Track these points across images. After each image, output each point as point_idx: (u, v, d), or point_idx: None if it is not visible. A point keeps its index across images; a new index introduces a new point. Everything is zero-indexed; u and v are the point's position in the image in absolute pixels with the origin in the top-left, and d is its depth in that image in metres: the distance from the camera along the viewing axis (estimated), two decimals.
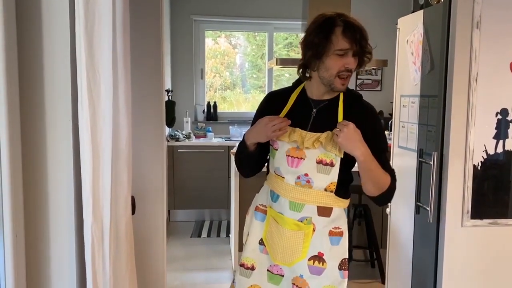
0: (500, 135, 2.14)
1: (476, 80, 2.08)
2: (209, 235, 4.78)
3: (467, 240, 2.17)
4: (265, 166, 1.88)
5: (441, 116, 2.19)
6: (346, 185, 1.74)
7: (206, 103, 5.68)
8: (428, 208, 2.23)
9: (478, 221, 2.16)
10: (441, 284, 2.19)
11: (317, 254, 1.69)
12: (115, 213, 1.51)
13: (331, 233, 1.70)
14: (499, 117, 2.13)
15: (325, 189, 1.68)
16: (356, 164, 1.67)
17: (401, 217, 2.69)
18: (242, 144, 1.80)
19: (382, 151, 1.70)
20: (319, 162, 1.65)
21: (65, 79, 1.41)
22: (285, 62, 3.63)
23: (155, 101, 2.34)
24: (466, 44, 2.07)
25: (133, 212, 1.67)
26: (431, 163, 2.20)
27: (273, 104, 1.80)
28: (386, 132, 4.33)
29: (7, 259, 1.32)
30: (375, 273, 3.74)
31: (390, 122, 3.81)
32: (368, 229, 3.67)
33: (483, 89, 2.09)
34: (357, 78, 5.58)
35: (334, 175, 1.66)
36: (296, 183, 1.69)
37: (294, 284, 1.72)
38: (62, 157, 1.43)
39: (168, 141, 4.97)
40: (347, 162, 1.66)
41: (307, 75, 1.75)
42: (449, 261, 2.17)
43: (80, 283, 1.50)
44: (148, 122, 2.32)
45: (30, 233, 1.42)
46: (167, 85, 5.16)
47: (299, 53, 1.75)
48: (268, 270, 1.77)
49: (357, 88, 5.53)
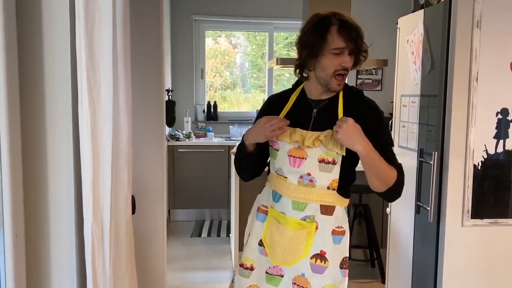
0: (501, 134, 2.14)
1: (477, 80, 2.08)
2: (209, 234, 4.79)
3: (467, 240, 2.17)
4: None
5: (441, 116, 2.19)
6: (348, 184, 1.74)
7: (206, 102, 5.68)
8: (429, 208, 2.23)
9: (478, 221, 2.16)
10: (441, 284, 2.19)
11: (319, 252, 1.69)
12: (115, 212, 1.51)
13: (334, 232, 1.69)
14: (500, 116, 2.13)
15: (328, 187, 1.68)
16: (360, 162, 1.67)
17: (401, 216, 2.69)
18: (241, 144, 1.80)
19: (386, 145, 1.69)
20: (321, 161, 1.65)
21: (65, 79, 1.41)
22: (285, 62, 3.63)
23: (155, 101, 2.34)
24: (467, 43, 2.07)
25: (133, 212, 1.67)
26: (431, 162, 2.20)
27: (274, 106, 1.80)
28: None
29: (7, 259, 1.32)
30: (375, 273, 3.74)
31: (390, 122, 3.81)
32: (368, 229, 3.67)
33: (483, 88, 2.09)
34: (357, 78, 5.58)
35: (336, 172, 1.66)
36: (299, 182, 1.69)
37: (295, 284, 1.71)
38: (62, 157, 1.43)
39: (168, 140, 4.97)
40: (349, 160, 1.66)
41: (305, 75, 1.75)
42: (449, 261, 2.17)
43: (80, 282, 1.50)
44: (148, 121, 2.32)
45: (30, 232, 1.42)
46: (167, 84, 5.16)
47: None
48: (266, 272, 1.77)
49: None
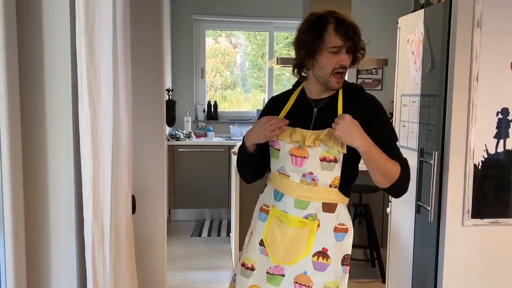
0: (501, 134, 2.13)
1: (477, 80, 2.08)
2: (209, 234, 4.79)
3: (467, 239, 2.17)
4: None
5: (441, 116, 2.19)
6: (350, 182, 1.73)
7: (206, 102, 5.68)
8: (429, 208, 2.23)
9: (478, 221, 2.15)
10: (441, 283, 2.19)
11: (321, 250, 1.68)
12: (116, 212, 1.51)
13: (336, 230, 1.69)
14: (500, 116, 2.12)
15: (330, 185, 1.68)
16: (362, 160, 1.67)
17: (401, 216, 2.69)
18: (242, 146, 1.80)
19: (390, 141, 1.68)
20: (323, 160, 1.65)
21: (66, 78, 1.41)
22: (285, 62, 3.63)
23: (155, 100, 2.34)
24: (467, 43, 2.07)
25: (133, 211, 1.67)
26: (431, 162, 2.20)
27: (275, 107, 1.80)
28: None
29: (7, 258, 1.32)
30: (375, 273, 3.75)
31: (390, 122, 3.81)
32: (368, 229, 3.67)
33: (483, 88, 2.09)
34: (357, 78, 5.58)
35: (337, 170, 1.66)
36: (302, 181, 1.68)
37: (296, 283, 1.70)
38: (63, 156, 1.43)
39: (168, 140, 4.97)
40: (351, 158, 1.66)
41: (304, 74, 1.75)
42: (449, 260, 2.17)
43: (80, 282, 1.50)
44: (148, 121, 2.32)
45: (30, 232, 1.42)
46: (168, 84, 5.16)
47: None
48: (267, 272, 1.76)
49: None
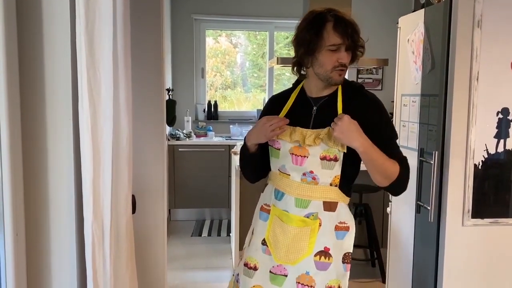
0: (501, 134, 2.13)
1: (477, 79, 2.08)
2: (209, 234, 4.79)
3: (467, 239, 2.17)
4: None
5: (441, 115, 2.19)
6: (350, 180, 1.73)
7: (206, 102, 5.68)
8: (429, 207, 2.23)
9: (478, 221, 2.15)
10: (441, 283, 2.19)
11: (323, 249, 1.68)
12: (116, 212, 1.51)
13: (337, 228, 1.69)
14: (500, 116, 2.12)
15: (330, 184, 1.68)
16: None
17: (401, 216, 2.69)
18: (244, 146, 1.80)
19: (390, 139, 1.68)
20: (323, 159, 1.65)
21: (66, 78, 1.41)
22: (285, 61, 3.63)
23: (155, 100, 2.34)
24: (467, 43, 2.07)
25: (133, 211, 1.67)
26: (431, 162, 2.20)
27: (275, 106, 1.80)
28: None
29: (7, 258, 1.32)
30: (375, 272, 3.75)
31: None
32: (368, 228, 3.67)
33: (484, 88, 2.09)
34: (358, 77, 5.58)
35: (338, 169, 1.66)
36: (302, 180, 1.68)
37: (299, 283, 1.70)
38: (63, 156, 1.43)
39: (168, 140, 4.97)
40: (351, 156, 1.65)
41: (303, 72, 1.75)
42: (449, 260, 2.17)
43: (81, 281, 1.50)
44: (148, 121, 2.32)
45: (30, 232, 1.43)
46: (168, 84, 5.16)
47: None
48: (270, 272, 1.76)
49: None
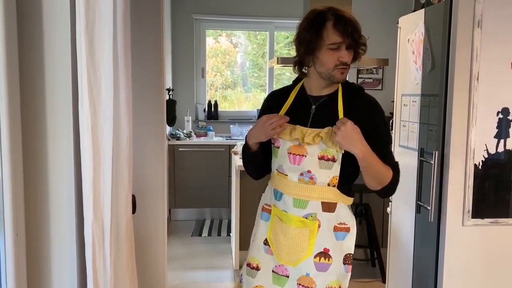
0: (501, 134, 2.13)
1: (477, 79, 2.08)
2: (209, 234, 4.79)
3: (467, 239, 2.17)
4: None
5: (442, 115, 2.19)
6: (349, 181, 1.73)
7: (207, 102, 5.68)
8: (429, 207, 2.22)
9: (479, 221, 2.15)
10: (441, 283, 2.19)
11: (322, 250, 1.68)
12: (116, 211, 1.51)
13: (336, 229, 1.69)
14: (500, 116, 2.12)
15: (328, 184, 1.67)
16: None
17: (402, 216, 2.69)
18: (245, 145, 1.80)
19: (385, 143, 1.69)
20: (321, 158, 1.65)
21: (66, 78, 1.41)
22: (286, 61, 3.64)
23: (156, 100, 2.34)
24: (467, 43, 2.07)
25: (133, 211, 1.67)
26: (432, 162, 2.20)
27: (274, 103, 1.80)
28: None
29: (8, 258, 1.32)
30: (375, 272, 3.75)
31: (391, 121, 3.81)
32: (369, 228, 3.67)
33: (484, 88, 2.09)
34: (358, 77, 5.58)
35: (336, 169, 1.66)
36: (300, 180, 1.69)
37: (299, 284, 1.70)
38: (63, 156, 1.43)
39: (169, 140, 4.97)
40: (350, 157, 1.66)
41: (304, 71, 1.75)
42: (449, 260, 2.17)
43: (81, 281, 1.50)
44: (149, 121, 2.32)
45: (31, 232, 1.43)
46: (168, 84, 5.16)
47: None
48: (273, 271, 1.76)
49: None
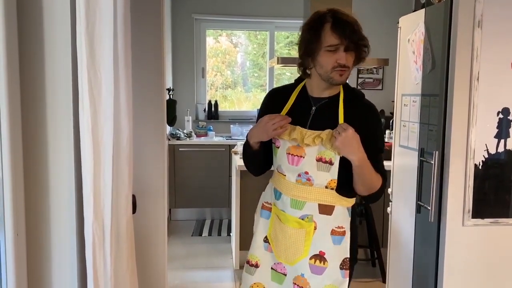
0: (502, 134, 2.13)
1: (478, 79, 2.08)
2: (210, 234, 4.79)
3: (468, 239, 2.17)
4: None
5: (442, 115, 2.19)
6: (348, 184, 1.73)
7: (207, 101, 5.68)
8: (429, 207, 2.22)
9: (479, 221, 2.15)
10: (442, 283, 2.19)
11: (318, 253, 1.69)
12: (116, 211, 1.51)
13: (333, 232, 1.69)
14: (501, 116, 2.12)
15: (326, 187, 1.68)
16: None
17: (402, 216, 2.69)
18: (246, 143, 1.80)
19: (378, 151, 1.72)
20: (319, 160, 1.65)
21: (66, 79, 1.41)
22: (286, 61, 3.64)
23: (156, 100, 2.34)
24: (468, 43, 2.07)
25: (134, 211, 1.67)
26: (432, 162, 2.20)
27: (275, 101, 1.80)
28: (387, 131, 4.33)
29: (8, 258, 1.32)
30: (376, 272, 3.75)
31: (391, 121, 3.81)
32: (369, 228, 3.67)
33: (484, 88, 2.09)
34: (358, 77, 5.58)
35: (334, 172, 1.66)
36: (297, 181, 1.69)
37: (295, 284, 1.72)
38: (63, 156, 1.44)
39: (169, 140, 4.98)
40: (347, 160, 1.66)
41: (308, 72, 1.75)
42: (450, 260, 2.17)
43: (81, 281, 1.50)
44: (149, 121, 2.32)
45: (31, 231, 1.43)
46: (168, 84, 5.16)
47: None
48: (272, 268, 1.77)
49: (358, 87, 5.53)
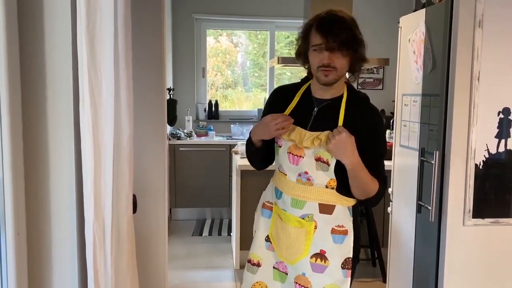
0: (502, 134, 2.13)
1: (478, 79, 2.08)
2: (210, 233, 4.79)
3: (468, 239, 2.17)
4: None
5: (442, 115, 2.19)
6: (348, 184, 1.73)
7: (207, 101, 5.68)
8: (430, 207, 2.22)
9: (479, 220, 2.15)
10: (442, 283, 2.19)
11: (319, 251, 1.69)
12: (117, 211, 1.51)
13: (333, 231, 1.70)
14: (501, 116, 2.12)
15: (326, 186, 1.68)
16: None
17: (402, 216, 2.69)
18: (249, 140, 1.81)
19: (378, 157, 1.71)
20: (318, 160, 1.66)
21: (67, 78, 1.41)
22: (286, 61, 3.64)
23: (156, 100, 2.34)
24: (468, 43, 2.07)
25: (134, 211, 1.67)
26: (432, 162, 2.20)
27: (280, 99, 1.81)
28: (387, 131, 4.33)
29: (9, 258, 1.32)
30: (376, 272, 3.75)
31: (391, 121, 3.81)
32: (369, 228, 3.67)
33: (485, 88, 2.09)
34: (358, 77, 5.57)
35: (331, 172, 1.67)
36: (298, 180, 1.70)
37: (296, 283, 1.73)
38: (64, 156, 1.44)
39: (169, 139, 4.97)
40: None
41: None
42: (450, 260, 2.17)
43: (82, 281, 1.50)
44: (149, 120, 2.32)
45: (32, 231, 1.43)
46: (169, 83, 5.16)
47: None
48: (274, 268, 1.78)
49: (359, 87, 5.52)
